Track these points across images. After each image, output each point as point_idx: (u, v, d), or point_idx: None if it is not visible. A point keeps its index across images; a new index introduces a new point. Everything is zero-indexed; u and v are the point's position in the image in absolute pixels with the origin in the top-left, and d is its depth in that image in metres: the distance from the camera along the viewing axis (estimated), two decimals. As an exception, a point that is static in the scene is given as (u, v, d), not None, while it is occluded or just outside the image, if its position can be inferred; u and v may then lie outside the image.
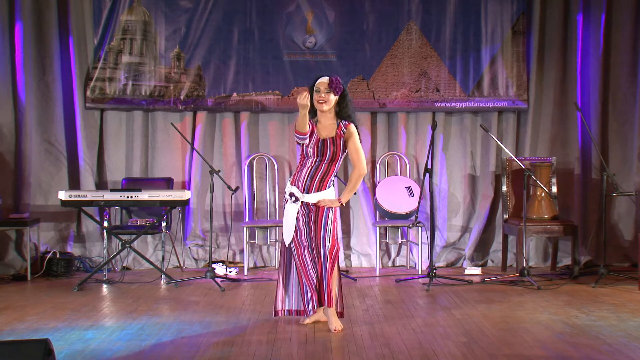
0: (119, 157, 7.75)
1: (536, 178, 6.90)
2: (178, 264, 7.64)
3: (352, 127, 5.07)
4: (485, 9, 7.73)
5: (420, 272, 7.26)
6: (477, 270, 7.33)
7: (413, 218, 7.11)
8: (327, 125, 5.09)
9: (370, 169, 7.83)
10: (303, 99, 4.78)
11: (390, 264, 7.86)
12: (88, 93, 7.58)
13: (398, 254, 7.90)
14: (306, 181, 5.05)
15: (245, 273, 7.31)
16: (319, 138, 5.05)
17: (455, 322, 5.25)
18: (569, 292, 6.33)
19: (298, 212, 5.06)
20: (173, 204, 6.77)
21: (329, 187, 5.10)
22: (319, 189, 5.05)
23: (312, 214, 5.04)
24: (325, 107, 5.03)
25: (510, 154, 7.02)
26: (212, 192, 6.86)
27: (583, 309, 5.63)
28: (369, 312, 5.61)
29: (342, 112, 5.10)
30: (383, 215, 7.55)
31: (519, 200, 7.39)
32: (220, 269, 7.25)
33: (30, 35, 7.45)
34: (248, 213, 7.69)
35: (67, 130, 7.64)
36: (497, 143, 7.24)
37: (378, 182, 7.62)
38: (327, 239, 5.02)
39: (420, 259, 7.39)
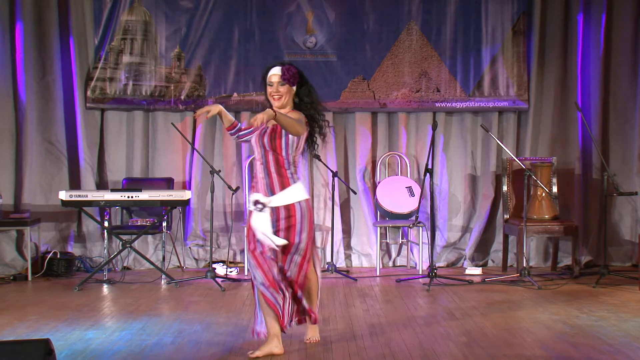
0: (120, 157, 7.75)
1: (537, 178, 6.90)
2: (178, 264, 7.64)
3: (296, 111, 4.40)
4: (486, 9, 7.73)
5: (420, 272, 7.26)
6: (478, 270, 7.32)
7: (413, 218, 7.11)
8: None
9: (370, 169, 7.84)
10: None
11: (390, 264, 7.86)
12: (89, 93, 7.58)
13: (398, 254, 7.90)
14: (265, 180, 4.39)
15: (246, 273, 7.30)
16: (265, 127, 4.40)
17: (456, 322, 5.25)
18: (569, 292, 6.32)
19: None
20: (173, 204, 6.76)
21: (294, 182, 4.40)
22: (282, 187, 4.37)
23: (283, 221, 4.37)
24: (278, 103, 4.40)
25: (511, 154, 7.02)
26: (212, 192, 6.86)
27: (584, 309, 5.63)
28: (369, 312, 5.61)
29: (302, 105, 4.45)
30: (383, 215, 7.55)
31: (519, 201, 7.38)
32: (220, 269, 7.25)
33: (31, 35, 7.45)
34: (248, 213, 7.66)
35: (68, 130, 7.64)
36: (498, 143, 7.24)
37: (378, 182, 7.62)
38: (299, 250, 4.37)
39: (420, 259, 7.39)
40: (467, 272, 7.32)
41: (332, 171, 7.26)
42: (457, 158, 7.91)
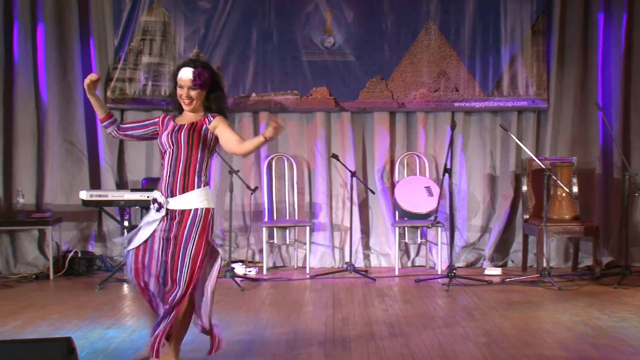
0: (139, 157, 7.79)
1: (557, 178, 6.86)
2: (198, 264, 7.65)
3: (221, 117, 4.13)
4: (505, 8, 7.70)
5: (439, 272, 7.23)
6: (497, 271, 7.29)
7: (432, 218, 7.09)
8: (190, 117, 4.15)
9: (389, 169, 7.83)
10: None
11: (409, 264, 7.85)
12: (108, 93, 7.63)
13: (417, 254, 7.88)
14: (169, 179, 4.02)
15: (265, 273, 7.32)
16: (176, 125, 4.10)
17: (475, 322, 5.23)
18: (590, 293, 6.28)
19: (157, 226, 3.98)
20: (193, 203, 6.77)
21: (199, 186, 4.03)
22: (184, 189, 3.99)
23: (175, 226, 3.96)
24: (189, 107, 4.11)
25: (531, 154, 6.99)
26: (231, 192, 6.89)
27: (605, 310, 5.59)
28: (388, 312, 5.61)
29: (213, 107, 4.16)
30: (402, 215, 7.53)
31: (539, 201, 7.34)
32: (239, 269, 7.27)
33: (52, 36, 7.52)
34: (267, 213, 7.70)
35: (88, 131, 7.69)
36: (517, 143, 7.21)
37: (397, 182, 7.61)
38: (185, 264, 3.93)
39: (439, 259, 7.37)
40: (486, 272, 7.29)
41: (350, 171, 7.26)
42: (476, 158, 7.88)
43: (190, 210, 3.97)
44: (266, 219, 7.68)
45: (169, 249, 3.92)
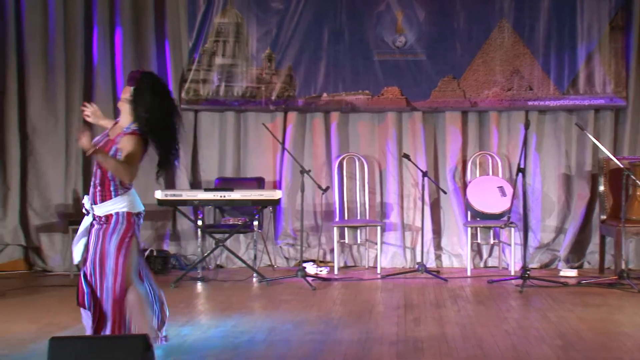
0: (212, 157, 7.92)
1: (636, 178, 6.67)
2: (269, 263, 7.74)
3: (131, 137, 4.10)
4: (581, 5, 7.53)
5: (513, 274, 7.12)
6: (573, 272, 7.13)
7: (505, 218, 6.99)
8: (119, 125, 4.24)
9: (461, 169, 7.76)
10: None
11: (481, 264, 7.75)
12: (183, 94, 7.78)
13: (490, 254, 7.78)
14: (92, 189, 4.15)
15: (336, 272, 7.34)
16: (105, 135, 4.27)
17: (550, 324, 5.13)
18: (671, 297, 6.09)
19: (92, 226, 4.14)
20: (264, 203, 6.87)
21: (116, 196, 4.10)
22: (103, 199, 4.10)
23: (101, 230, 4.09)
24: (119, 104, 4.23)
25: (608, 153, 6.81)
26: (302, 191, 6.93)
27: (687, 314, 5.41)
28: (460, 313, 5.55)
29: (135, 110, 4.12)
30: (474, 216, 7.44)
31: (617, 201, 7.14)
32: (311, 268, 7.32)
33: (129, 39, 7.72)
34: (338, 212, 7.72)
35: (163, 131, 7.85)
36: (594, 142, 7.04)
37: (469, 182, 7.52)
38: (109, 271, 4.04)
39: (512, 260, 7.25)
40: (561, 273, 7.15)
41: (421, 171, 7.22)
42: (550, 157, 7.73)
43: (112, 215, 4.11)
44: (337, 219, 7.70)
45: (97, 256, 4.05)
